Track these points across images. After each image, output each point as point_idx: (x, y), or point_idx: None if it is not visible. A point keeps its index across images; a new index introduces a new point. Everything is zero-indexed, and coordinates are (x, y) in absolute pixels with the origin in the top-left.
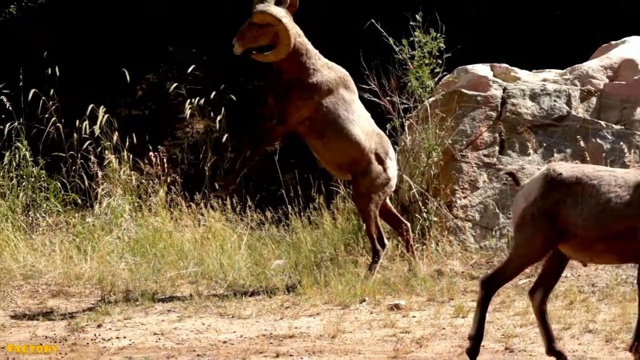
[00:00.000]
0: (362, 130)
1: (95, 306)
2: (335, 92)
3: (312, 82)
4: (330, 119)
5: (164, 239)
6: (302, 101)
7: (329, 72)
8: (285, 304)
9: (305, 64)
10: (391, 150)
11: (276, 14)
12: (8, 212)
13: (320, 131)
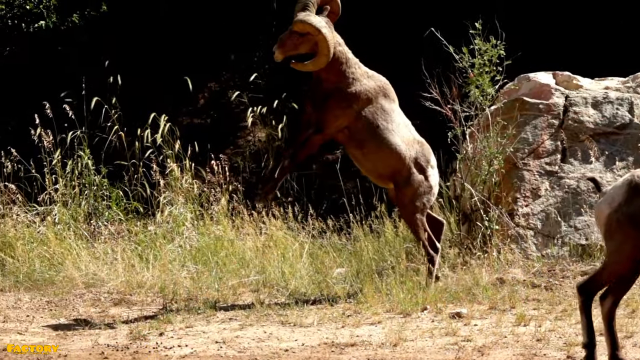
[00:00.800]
0: (403, 140)
1: (157, 314)
2: (374, 102)
3: (351, 91)
4: (370, 128)
5: (226, 247)
6: (341, 110)
7: (368, 81)
8: (347, 312)
9: (345, 73)
10: (432, 158)
11: (316, 24)
12: (70, 221)
13: (359, 141)
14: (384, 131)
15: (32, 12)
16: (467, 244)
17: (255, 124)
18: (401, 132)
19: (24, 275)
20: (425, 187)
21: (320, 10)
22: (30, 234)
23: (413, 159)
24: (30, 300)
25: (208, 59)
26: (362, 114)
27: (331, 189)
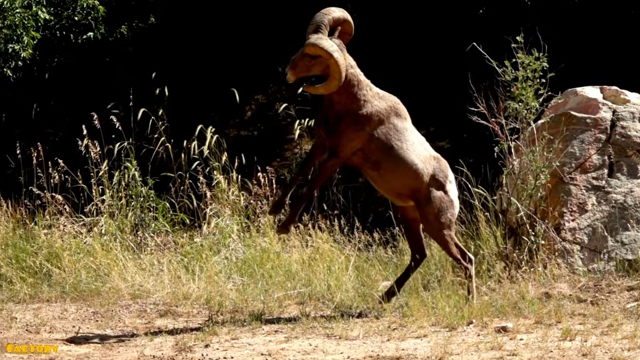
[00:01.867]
0: (418, 157)
1: (202, 326)
2: (386, 122)
3: (363, 114)
4: (384, 149)
5: (272, 260)
6: (354, 133)
7: (379, 101)
8: (393, 325)
9: (357, 95)
10: (450, 173)
11: (328, 48)
12: (117, 232)
13: (375, 162)
14: (399, 150)
15: (81, 24)
16: (513, 258)
17: (302, 136)
18: (416, 149)
19: (70, 286)
20: (447, 202)
21: (332, 31)
22: (77, 245)
23: (430, 175)
24: (77, 311)
25: (255, 71)
26: (375, 135)
27: (377, 201)
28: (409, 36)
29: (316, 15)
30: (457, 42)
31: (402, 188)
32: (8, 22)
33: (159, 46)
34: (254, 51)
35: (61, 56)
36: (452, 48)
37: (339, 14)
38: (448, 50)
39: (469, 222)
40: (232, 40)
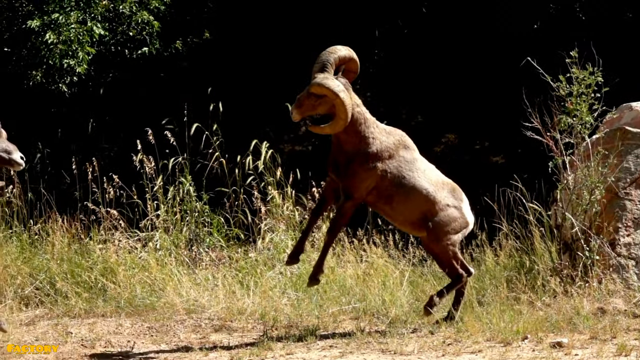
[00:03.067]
0: (429, 182)
1: (257, 341)
2: (396, 156)
3: (373, 152)
4: (396, 182)
5: (327, 275)
6: (366, 172)
7: (387, 137)
8: (447, 340)
9: (364, 134)
10: (464, 197)
11: (334, 88)
12: (172, 247)
13: (388, 197)
14: (410, 179)
15: (135, 39)
16: (568, 273)
17: None
18: (427, 175)
19: (125, 301)
20: (461, 222)
21: (338, 69)
22: (131, 260)
23: (443, 197)
24: (132, 326)
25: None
26: (388, 171)
27: None
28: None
29: (322, 53)
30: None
31: (415, 213)
32: (63, 38)
33: (214, 61)
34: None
35: (116, 71)
36: (506, 63)
37: (345, 52)
38: (503, 65)
39: (524, 237)
40: (286, 55)
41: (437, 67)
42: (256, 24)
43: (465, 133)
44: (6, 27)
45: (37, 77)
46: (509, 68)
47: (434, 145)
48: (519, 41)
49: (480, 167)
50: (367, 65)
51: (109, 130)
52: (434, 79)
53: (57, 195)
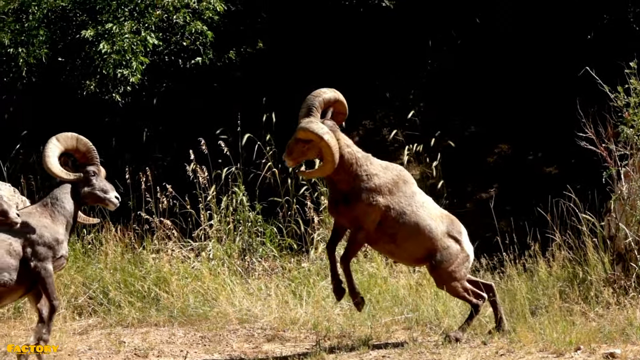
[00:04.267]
0: (430, 217)
1: (310, 351)
2: (396, 191)
3: (371, 187)
4: (398, 218)
5: (379, 285)
6: (368, 207)
7: (385, 173)
8: (500, 351)
9: (357, 172)
10: (463, 230)
11: (318, 131)
12: (225, 257)
13: (391, 234)
14: (412, 215)
15: (189, 49)
16: (621, 284)
17: (410, 161)
18: (427, 209)
19: (178, 310)
20: (463, 257)
21: (325, 112)
22: (184, 270)
23: (445, 232)
24: (184, 335)
25: (362, 96)
26: (390, 207)
27: (485, 227)
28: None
29: (307, 97)
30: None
31: (419, 251)
32: (117, 48)
33: (267, 71)
34: (360, 76)
35: (169, 81)
36: (560, 73)
37: (330, 95)
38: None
39: (577, 248)
40: (338, 65)
41: (490, 77)
42: (309, 34)
43: (518, 143)
44: (60, 37)
45: (91, 87)
46: (563, 78)
47: (487, 156)
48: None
49: (533, 177)
50: (420, 76)
51: (162, 140)
52: (487, 89)
53: None
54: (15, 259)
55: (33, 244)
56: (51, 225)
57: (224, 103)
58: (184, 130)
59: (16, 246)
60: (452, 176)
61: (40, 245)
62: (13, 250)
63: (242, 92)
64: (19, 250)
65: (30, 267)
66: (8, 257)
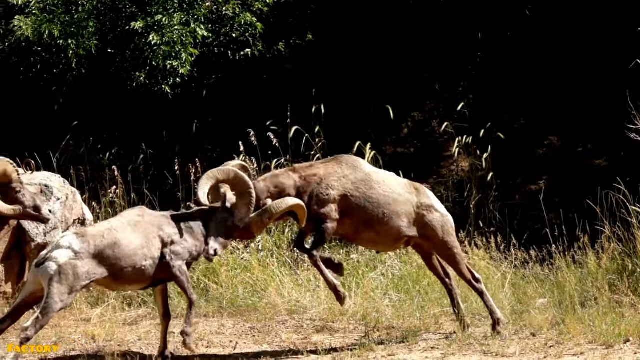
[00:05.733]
0: (396, 192)
1: (359, 342)
2: (342, 178)
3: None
4: (365, 204)
5: (428, 277)
6: (324, 200)
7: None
8: (549, 342)
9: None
10: (430, 193)
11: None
12: (274, 248)
13: (366, 222)
14: (378, 197)
15: (239, 40)
16: None
17: (460, 153)
18: (390, 186)
19: (227, 302)
20: (444, 221)
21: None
22: (234, 261)
23: (416, 202)
24: (234, 326)
25: (411, 88)
26: (347, 194)
27: (534, 219)
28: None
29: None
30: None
31: (402, 230)
32: (167, 39)
33: (316, 63)
34: (409, 69)
35: (219, 73)
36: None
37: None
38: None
39: (626, 240)
40: (387, 57)
41: (540, 69)
42: (358, 26)
43: (568, 135)
44: (110, 29)
45: (141, 79)
46: (613, 70)
47: (537, 148)
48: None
49: (583, 169)
50: (469, 69)
51: (211, 131)
52: (537, 81)
53: (160, 195)
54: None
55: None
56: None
57: (273, 95)
58: (233, 122)
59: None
60: (502, 168)
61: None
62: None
63: (292, 84)
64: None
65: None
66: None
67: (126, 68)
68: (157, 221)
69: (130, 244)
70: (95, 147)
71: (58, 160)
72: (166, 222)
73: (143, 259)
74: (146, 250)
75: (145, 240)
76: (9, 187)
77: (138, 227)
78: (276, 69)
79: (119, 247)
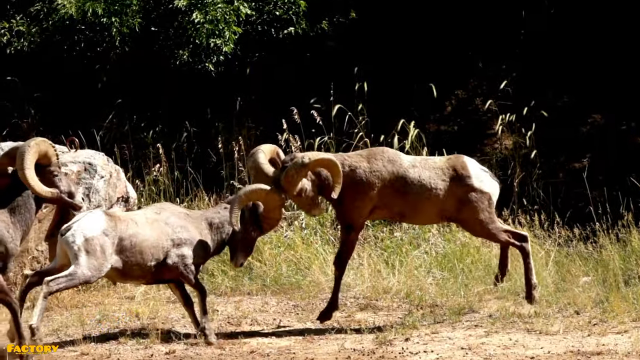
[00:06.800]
0: (428, 176)
1: (402, 320)
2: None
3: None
4: (406, 187)
5: (472, 254)
6: (360, 200)
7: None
8: (593, 320)
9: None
10: (472, 166)
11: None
12: (317, 226)
13: (399, 213)
14: (410, 176)
15: (282, 18)
16: None
17: (503, 131)
18: (421, 171)
19: (271, 279)
20: (479, 197)
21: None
22: (277, 239)
23: (450, 179)
24: (277, 304)
25: (455, 66)
26: (383, 188)
27: (577, 197)
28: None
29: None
30: None
31: (438, 212)
32: (210, 17)
33: (360, 41)
34: (453, 46)
35: (262, 51)
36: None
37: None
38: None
39: None
40: (430, 35)
41: (583, 47)
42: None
43: (611, 113)
44: (153, 7)
45: (184, 57)
46: None
47: (580, 126)
48: None
49: (626, 147)
50: (513, 46)
51: (254, 109)
52: (581, 58)
53: (203, 173)
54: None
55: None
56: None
57: (316, 73)
58: (276, 100)
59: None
60: (545, 146)
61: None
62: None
63: (335, 62)
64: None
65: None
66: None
67: (169, 46)
68: (173, 221)
69: (145, 241)
70: (138, 125)
71: (102, 138)
72: (183, 223)
73: (150, 259)
74: (154, 251)
75: (157, 240)
76: (46, 169)
77: (154, 225)
78: (319, 47)
79: (136, 240)
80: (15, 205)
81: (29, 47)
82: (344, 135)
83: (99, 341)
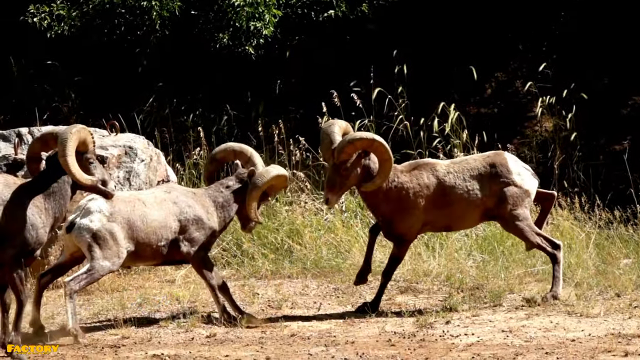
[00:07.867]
0: (464, 181)
1: (443, 303)
2: (423, 178)
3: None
4: (446, 198)
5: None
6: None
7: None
8: (634, 303)
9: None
10: (514, 164)
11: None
12: (357, 209)
13: (445, 227)
14: (451, 182)
15: (322, 2)
16: None
17: (543, 113)
18: (461, 165)
19: (311, 263)
20: (520, 195)
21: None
22: (317, 222)
23: (489, 179)
24: (318, 287)
25: (495, 49)
26: (428, 198)
27: (618, 179)
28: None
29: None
30: None
31: (480, 213)
32: (250, 0)
33: (399, 24)
34: (493, 28)
35: (302, 34)
36: None
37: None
38: None
39: None
40: (471, 18)
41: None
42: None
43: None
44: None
45: (224, 40)
46: None
47: (621, 108)
48: None
49: None
50: (552, 29)
51: (295, 92)
52: (621, 41)
53: None
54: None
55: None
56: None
57: (356, 56)
58: (316, 83)
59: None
60: (586, 128)
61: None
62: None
63: (374, 45)
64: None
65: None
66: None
67: (209, 29)
68: (182, 201)
69: (154, 221)
70: (179, 108)
71: (142, 121)
72: (190, 202)
73: (159, 239)
74: (164, 232)
75: (164, 220)
76: (84, 157)
77: (162, 205)
78: (359, 30)
79: (146, 220)
80: (51, 191)
81: (69, 31)
82: (384, 118)
83: (139, 325)
